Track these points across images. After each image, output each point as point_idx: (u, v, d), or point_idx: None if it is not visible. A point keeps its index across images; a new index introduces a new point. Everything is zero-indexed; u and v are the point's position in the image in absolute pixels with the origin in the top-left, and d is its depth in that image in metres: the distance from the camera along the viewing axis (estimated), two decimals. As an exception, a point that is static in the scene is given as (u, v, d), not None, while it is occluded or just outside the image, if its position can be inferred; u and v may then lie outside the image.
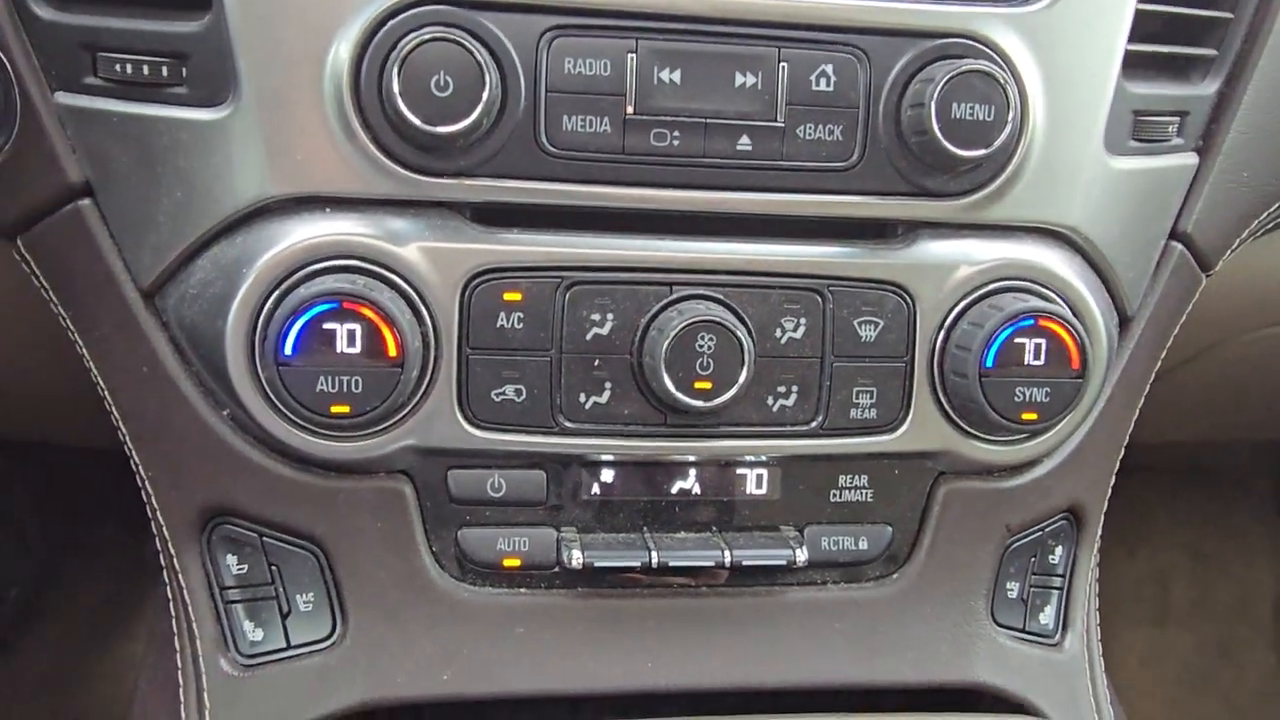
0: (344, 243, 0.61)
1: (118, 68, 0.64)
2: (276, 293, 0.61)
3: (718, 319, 0.63)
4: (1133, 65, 0.72)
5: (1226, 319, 1.00)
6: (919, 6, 0.65)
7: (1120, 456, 0.82)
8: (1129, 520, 1.74)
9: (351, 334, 0.60)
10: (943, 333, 0.68)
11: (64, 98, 0.66)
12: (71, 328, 0.70)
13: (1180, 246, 0.79)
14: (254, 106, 0.61)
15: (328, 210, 0.63)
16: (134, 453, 0.71)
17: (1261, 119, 0.79)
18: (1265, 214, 0.84)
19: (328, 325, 0.59)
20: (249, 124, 0.62)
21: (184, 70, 0.63)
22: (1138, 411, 0.81)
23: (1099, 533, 0.83)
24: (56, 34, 0.65)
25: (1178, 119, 0.76)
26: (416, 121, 0.59)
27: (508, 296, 0.63)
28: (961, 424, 0.69)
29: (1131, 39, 0.70)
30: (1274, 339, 1.05)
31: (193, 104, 0.63)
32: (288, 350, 0.60)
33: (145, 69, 0.63)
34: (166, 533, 0.71)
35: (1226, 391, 1.21)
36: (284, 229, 0.62)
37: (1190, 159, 0.78)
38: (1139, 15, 0.71)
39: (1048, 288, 0.69)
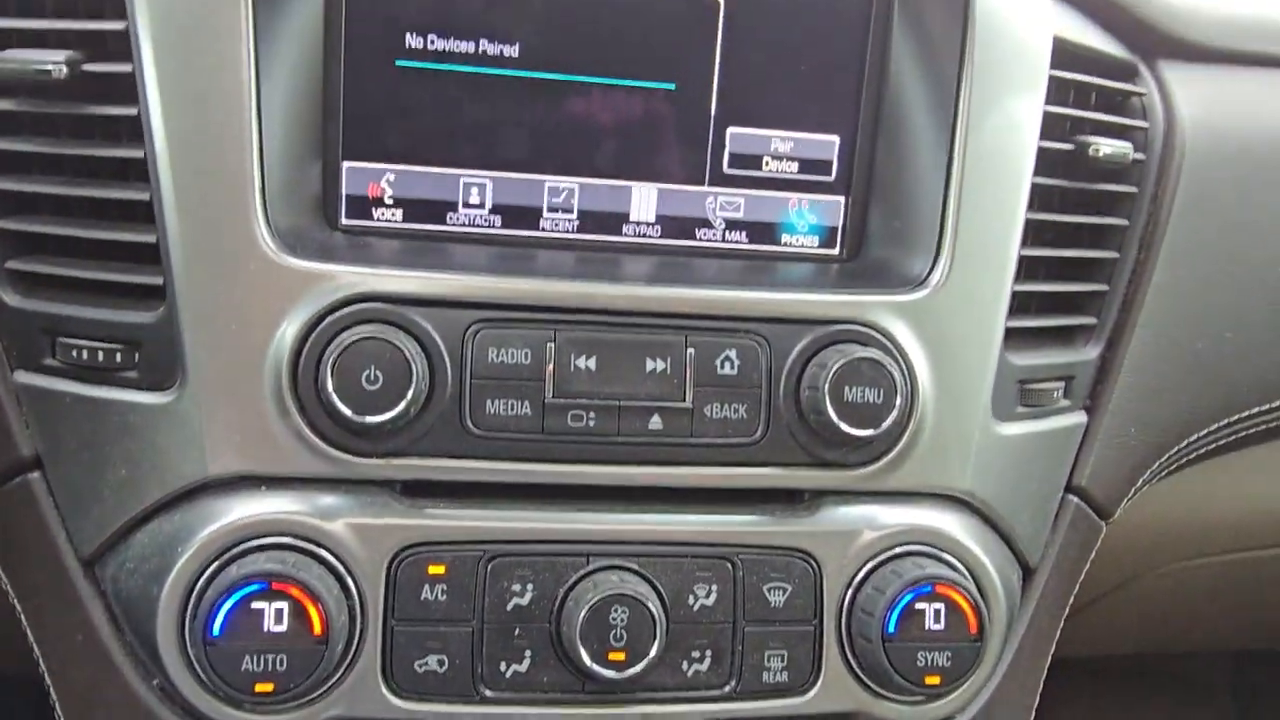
0: (275, 521, 0.65)
1: (75, 352, 0.69)
2: (209, 570, 0.64)
3: (630, 593, 0.66)
4: (1015, 338, 0.79)
5: (1138, 557, 1.04)
6: (812, 297, 0.72)
7: (1035, 703, 0.84)
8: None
9: (279, 613, 0.62)
10: (849, 595, 0.71)
11: (22, 376, 0.70)
12: (10, 591, 0.73)
13: (1076, 499, 0.84)
14: (198, 392, 0.66)
15: (263, 488, 0.67)
16: (61, 715, 0.72)
17: (1143, 379, 0.86)
18: (1157, 463, 0.90)
19: (256, 605, 0.62)
20: (193, 408, 0.66)
21: (136, 356, 0.68)
22: (1049, 658, 0.84)
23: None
24: (22, 319, 0.70)
25: (1063, 383, 0.83)
26: (348, 412, 0.64)
27: (432, 570, 0.67)
28: (871, 685, 0.72)
29: (1011, 315, 0.78)
30: (1189, 571, 1.09)
31: (142, 387, 0.68)
32: (215, 630, 0.62)
33: (100, 354, 0.69)
34: None
35: (1155, 617, 1.24)
36: (221, 506, 0.66)
37: (1079, 418, 0.84)
38: (1017, 294, 0.78)
39: (946, 551, 0.73)
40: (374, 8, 0.72)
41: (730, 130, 0.78)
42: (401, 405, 0.64)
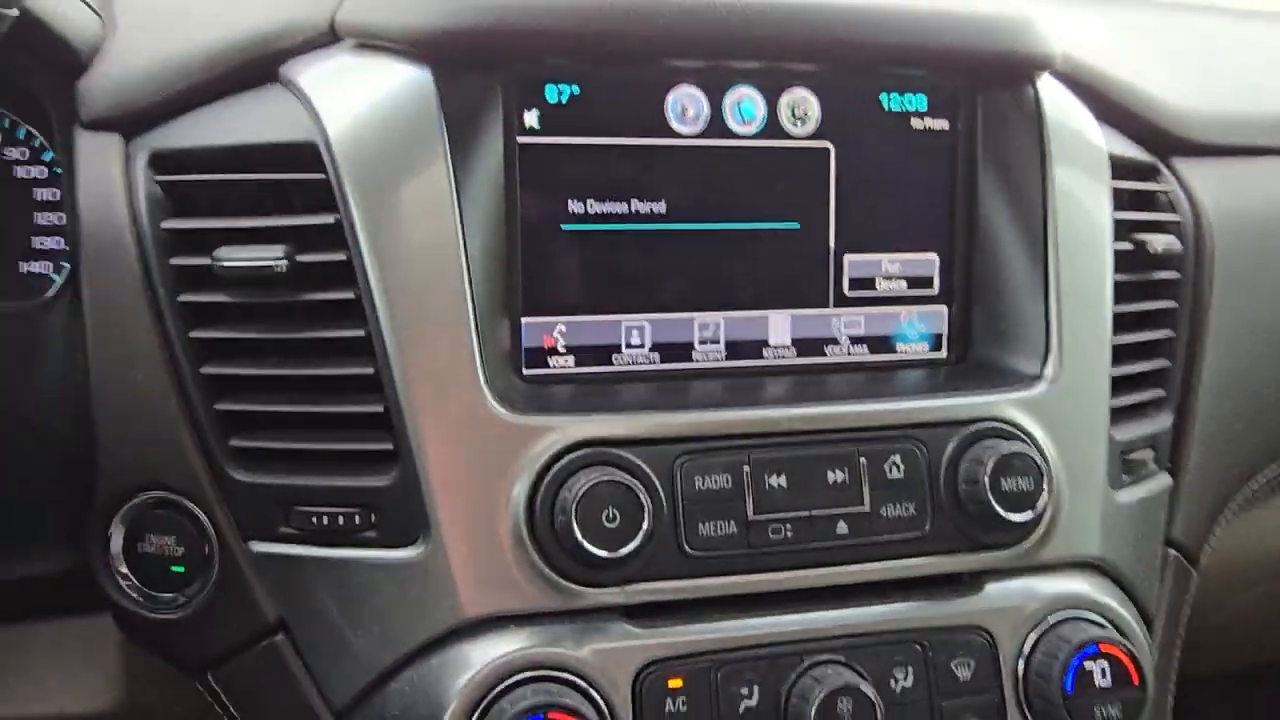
0: (535, 656, 0.71)
1: (313, 519, 0.75)
2: (481, 708, 0.69)
3: (851, 684, 0.74)
4: (1114, 416, 0.90)
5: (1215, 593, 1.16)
6: (957, 401, 0.82)
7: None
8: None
9: (553, 740, 0.69)
10: (1023, 663, 0.80)
11: (258, 546, 0.76)
12: None
13: (1174, 552, 0.95)
14: (445, 546, 0.72)
15: (511, 626, 0.73)
16: None
17: (1209, 437, 0.98)
18: (1226, 508, 1.02)
19: (532, 736, 0.68)
20: (441, 561, 0.72)
21: (373, 517, 0.74)
22: (1171, 695, 0.95)
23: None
24: (252, 493, 0.76)
25: (1152, 451, 0.94)
26: (594, 550, 0.71)
27: (671, 684, 0.73)
28: (1053, 744, 0.80)
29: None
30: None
31: (384, 545, 0.74)
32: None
33: (340, 519, 0.74)
34: None
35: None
36: (475, 647, 0.72)
37: (1166, 480, 0.95)
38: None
39: (1095, 612, 0.83)
40: (542, 179, 0.81)
41: (847, 258, 0.89)
42: (639, 538, 0.71)
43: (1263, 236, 1.04)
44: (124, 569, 0.77)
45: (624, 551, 0.71)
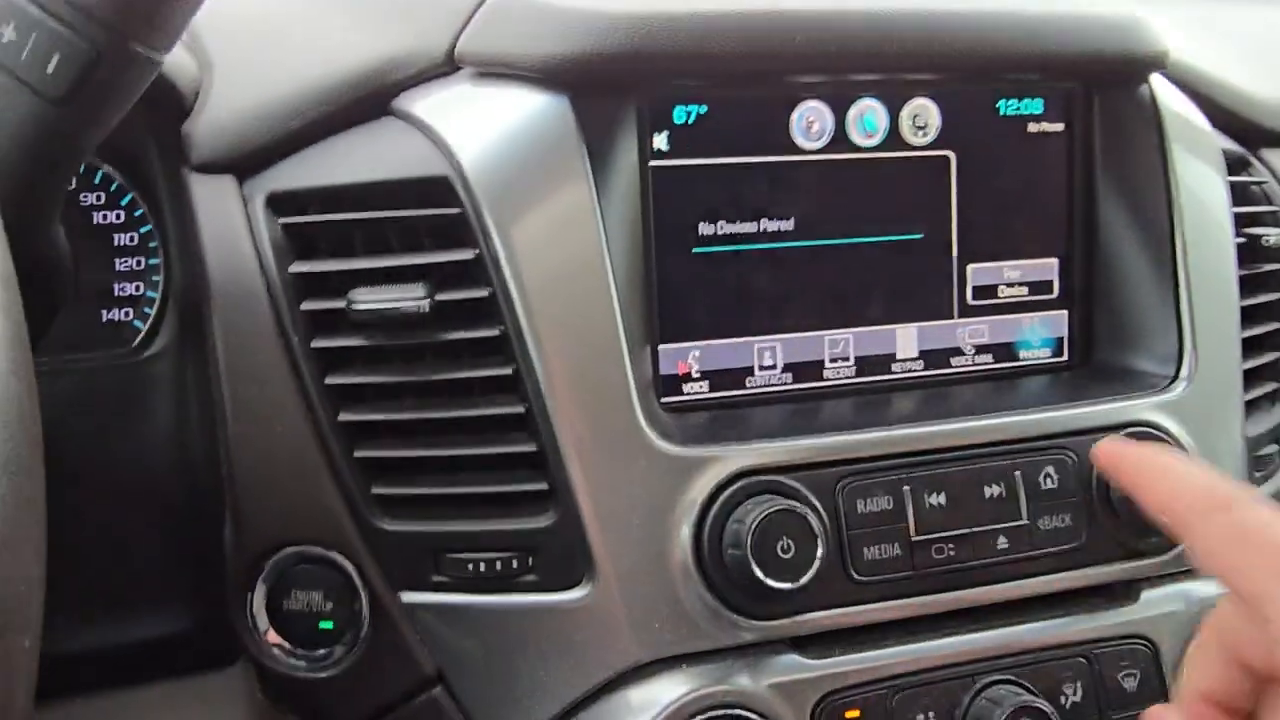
0: (713, 695, 0.69)
1: (469, 566, 0.72)
2: (662, 754, 0.67)
3: (1031, 704, 0.72)
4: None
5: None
6: (1096, 408, 0.81)
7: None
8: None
9: (743, 778, 0.67)
10: (1185, 670, 0.79)
11: (410, 596, 0.73)
12: None
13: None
14: (612, 586, 0.70)
15: (683, 665, 0.71)
16: None
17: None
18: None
19: (725, 776, 0.66)
20: (608, 602, 0.70)
21: (530, 560, 0.72)
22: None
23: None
24: (400, 542, 0.73)
25: (1276, 445, 0.94)
26: (771, 583, 0.69)
27: (849, 715, 0.72)
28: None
29: (1244, 391, 0.88)
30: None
31: (545, 589, 0.71)
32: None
33: (496, 564, 0.72)
34: None
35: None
36: (649, 690, 0.70)
37: (1287, 475, 0.95)
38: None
39: (1250, 615, 0.81)
40: (673, 202, 0.79)
41: (970, 267, 0.87)
42: (815, 566, 0.69)
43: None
44: (270, 628, 0.74)
45: (802, 581, 0.69)
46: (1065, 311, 0.91)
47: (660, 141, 0.78)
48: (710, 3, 0.75)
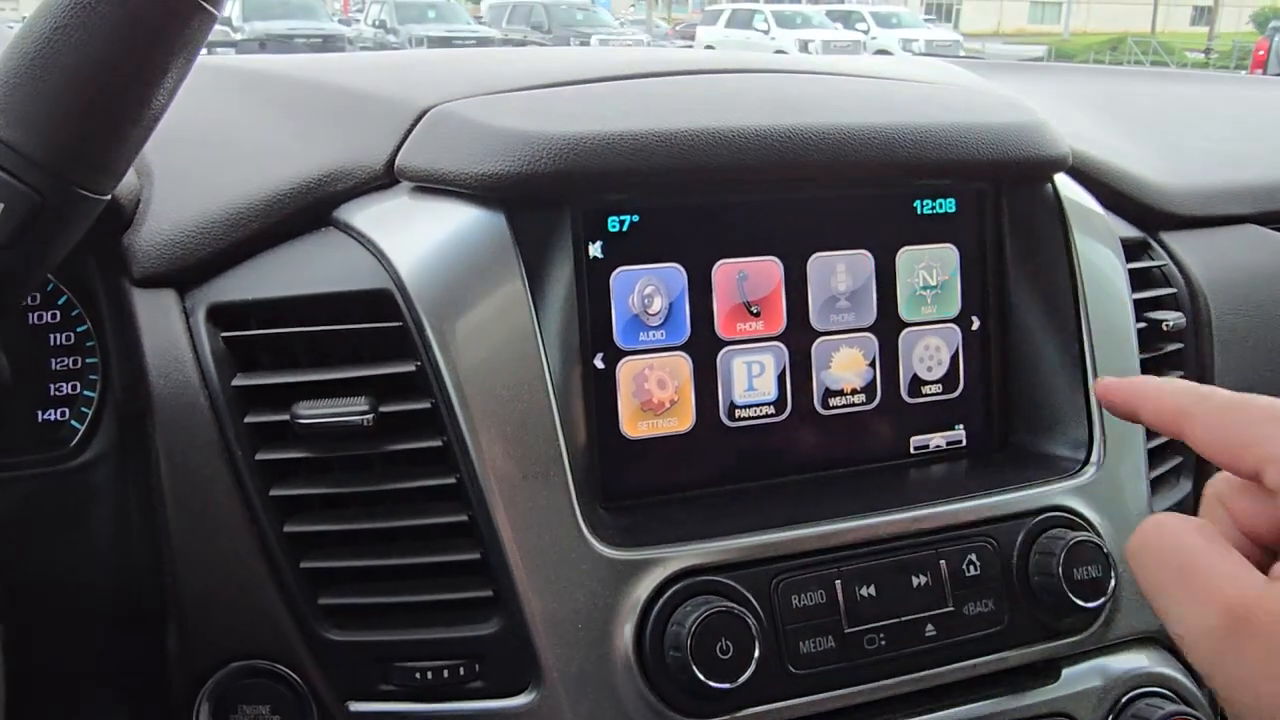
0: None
1: (416, 675, 0.73)
2: None
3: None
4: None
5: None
6: (1014, 495, 0.85)
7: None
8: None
9: None
10: (1105, 746, 0.83)
11: (358, 706, 0.74)
12: None
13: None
14: (558, 691, 0.72)
15: (628, 767, 0.73)
16: None
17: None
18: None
19: None
20: (555, 706, 0.72)
21: (477, 667, 0.73)
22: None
23: None
24: (348, 652, 0.74)
25: (1181, 519, 0.99)
26: (712, 684, 0.71)
27: (789, 807, 0.74)
28: (1145, 819, 0.83)
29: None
30: None
31: (493, 695, 0.73)
32: None
33: (444, 672, 0.73)
34: None
35: None
36: (597, 792, 0.71)
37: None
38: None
39: (1163, 686, 0.86)
40: (606, 306, 0.82)
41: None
42: (753, 665, 0.72)
43: (1250, 301, 1.11)
44: (215, 744, 0.74)
45: (741, 680, 0.72)
46: (980, 397, 0.95)
47: (595, 250, 0.81)
48: (639, 122, 0.79)
